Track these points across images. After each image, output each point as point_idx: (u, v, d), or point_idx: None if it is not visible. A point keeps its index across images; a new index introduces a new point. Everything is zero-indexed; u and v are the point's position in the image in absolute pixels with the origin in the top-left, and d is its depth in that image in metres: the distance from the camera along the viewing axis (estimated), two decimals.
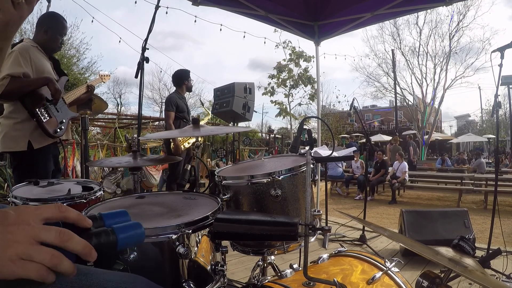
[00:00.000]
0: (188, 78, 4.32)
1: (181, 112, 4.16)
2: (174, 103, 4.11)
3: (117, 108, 27.47)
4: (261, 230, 0.88)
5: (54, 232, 0.51)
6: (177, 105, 4.13)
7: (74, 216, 0.56)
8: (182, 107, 4.18)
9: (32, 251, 0.48)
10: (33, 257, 0.48)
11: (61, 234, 0.51)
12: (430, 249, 0.96)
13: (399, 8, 3.99)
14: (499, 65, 2.77)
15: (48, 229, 0.51)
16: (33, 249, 0.48)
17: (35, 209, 0.54)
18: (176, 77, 4.38)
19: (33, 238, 0.49)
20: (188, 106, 4.41)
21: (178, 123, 4.15)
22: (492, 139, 22.46)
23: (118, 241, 0.56)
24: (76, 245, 0.51)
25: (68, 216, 0.55)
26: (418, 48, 22.89)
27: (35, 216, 0.52)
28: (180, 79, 4.34)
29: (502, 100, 3.15)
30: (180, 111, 4.15)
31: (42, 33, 2.45)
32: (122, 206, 1.14)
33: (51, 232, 0.51)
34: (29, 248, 0.48)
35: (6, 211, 0.52)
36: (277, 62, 17.98)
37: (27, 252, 0.48)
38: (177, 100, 4.17)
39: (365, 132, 5.20)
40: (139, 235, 0.60)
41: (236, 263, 2.90)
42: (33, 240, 0.49)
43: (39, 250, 0.48)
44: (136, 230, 0.59)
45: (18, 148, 2.28)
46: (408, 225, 3.16)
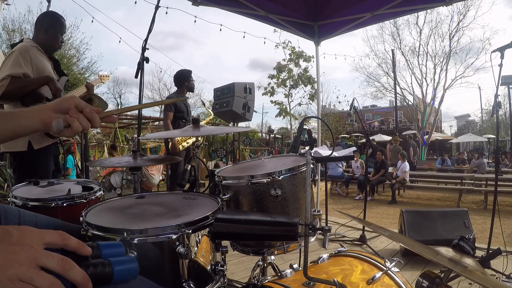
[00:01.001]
0: (188, 79, 4.32)
1: (179, 112, 4.18)
2: (173, 103, 4.15)
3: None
4: (261, 230, 0.88)
5: (57, 260, 0.51)
6: (176, 105, 4.16)
7: (75, 244, 0.57)
8: (181, 107, 4.20)
9: (33, 274, 0.49)
10: (34, 281, 0.48)
11: (63, 262, 0.51)
12: (430, 249, 0.96)
13: (399, 8, 3.99)
14: (499, 65, 2.77)
15: (51, 255, 0.52)
16: (34, 273, 0.49)
17: (38, 232, 0.54)
18: (177, 77, 4.40)
19: (34, 262, 0.50)
20: (189, 107, 4.42)
21: (176, 123, 4.18)
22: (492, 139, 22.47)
23: (114, 273, 0.58)
24: (76, 275, 0.52)
25: (69, 244, 0.56)
26: (418, 48, 22.91)
27: (38, 239, 0.53)
28: (180, 80, 4.35)
29: (502, 100, 3.15)
30: (178, 111, 4.17)
31: (42, 32, 2.45)
32: (122, 206, 1.14)
33: (54, 258, 0.51)
34: (31, 271, 0.49)
35: (10, 230, 0.52)
36: (277, 62, 17.99)
37: (28, 275, 0.48)
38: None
39: (365, 132, 5.20)
40: (133, 269, 0.61)
41: (236, 263, 2.90)
42: (35, 264, 0.50)
43: (40, 275, 0.49)
44: (131, 264, 0.61)
45: (18, 148, 2.28)
46: (408, 225, 3.16)
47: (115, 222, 0.98)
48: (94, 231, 0.88)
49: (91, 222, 0.90)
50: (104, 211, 1.09)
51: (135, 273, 0.62)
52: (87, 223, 0.91)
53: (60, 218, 1.28)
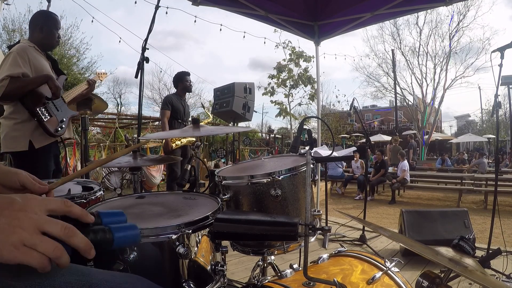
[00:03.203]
0: (182, 79, 4.36)
1: (176, 112, 4.21)
2: (170, 102, 4.20)
3: (117, 108, 27.47)
4: (261, 230, 0.88)
5: (60, 226, 0.52)
6: (172, 104, 4.19)
7: (78, 211, 0.57)
8: (177, 107, 4.22)
9: (36, 239, 0.49)
10: (37, 245, 0.49)
11: (66, 229, 0.52)
12: (430, 249, 0.96)
13: (399, 8, 3.99)
14: (499, 65, 2.77)
15: (54, 222, 0.52)
16: (38, 238, 0.49)
17: (42, 199, 0.55)
18: (173, 79, 4.50)
19: (37, 228, 0.50)
20: (187, 107, 4.44)
21: (172, 123, 4.21)
22: (492, 139, 22.47)
23: (114, 239, 0.58)
24: (79, 241, 0.53)
25: (73, 211, 0.57)
26: (418, 48, 22.92)
27: (41, 206, 0.54)
28: (175, 81, 4.44)
29: (502, 100, 3.15)
30: (175, 111, 4.20)
31: (37, 31, 2.45)
32: (122, 206, 1.14)
33: (57, 225, 0.52)
34: (34, 236, 0.49)
35: (13, 197, 0.53)
36: (277, 62, 17.98)
37: (31, 240, 0.49)
38: (172, 100, 4.24)
39: (365, 132, 5.20)
40: (134, 236, 0.62)
41: (236, 263, 2.90)
42: (38, 230, 0.50)
43: (43, 240, 0.50)
44: (132, 231, 0.61)
45: (19, 148, 2.28)
46: (408, 225, 3.16)
47: None
48: None
49: None
50: None
51: (136, 240, 0.62)
52: None
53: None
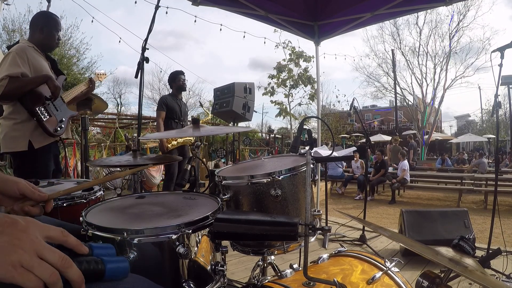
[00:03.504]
0: (175, 78, 4.34)
1: (171, 112, 4.19)
2: (164, 103, 4.17)
3: (117, 108, 27.46)
4: (261, 230, 0.88)
5: (58, 255, 0.52)
6: (167, 104, 4.17)
7: (73, 242, 0.58)
8: (172, 107, 4.20)
9: (35, 263, 0.49)
10: (35, 269, 0.49)
11: (63, 260, 0.53)
12: (430, 249, 0.96)
13: (399, 8, 3.99)
14: (499, 65, 2.77)
15: (52, 250, 0.53)
16: (36, 261, 0.50)
17: (42, 225, 0.56)
18: (168, 79, 4.50)
19: (37, 252, 0.51)
20: (183, 107, 4.41)
21: (168, 123, 4.19)
22: (492, 139, 22.47)
23: (106, 271, 0.59)
24: (73, 274, 0.53)
25: (68, 241, 0.58)
26: (418, 48, 22.90)
27: (41, 231, 0.55)
28: (170, 81, 4.44)
29: (502, 100, 3.15)
30: (170, 111, 4.18)
31: (37, 32, 2.45)
32: (122, 206, 1.14)
33: (55, 254, 0.52)
34: (33, 259, 0.50)
35: (16, 219, 0.54)
36: (277, 62, 17.97)
37: (30, 262, 0.49)
38: (167, 100, 4.23)
39: (365, 132, 5.20)
40: (124, 268, 0.63)
41: (236, 263, 2.90)
42: (37, 254, 0.51)
43: (42, 264, 0.50)
44: (122, 263, 0.63)
45: (18, 148, 2.28)
46: (408, 225, 3.16)
47: (115, 222, 0.98)
48: (94, 231, 0.88)
49: (91, 222, 0.90)
50: (104, 211, 1.09)
51: (126, 273, 0.64)
52: (87, 223, 0.91)
53: (60, 218, 1.29)
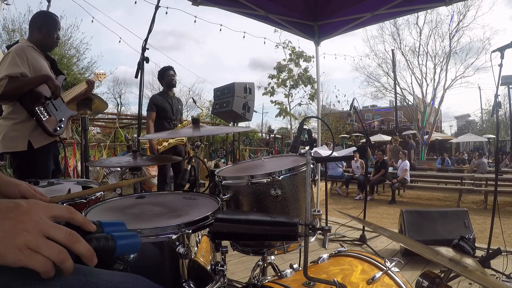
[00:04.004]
0: (164, 75, 4.16)
1: (162, 111, 4.03)
2: (154, 103, 4.01)
3: (117, 108, 27.45)
4: (261, 230, 0.88)
5: (64, 232, 0.52)
6: (157, 104, 4.01)
7: (81, 219, 0.58)
8: (163, 107, 4.03)
9: (41, 243, 0.49)
10: (41, 249, 0.49)
11: (70, 235, 0.52)
12: (430, 249, 0.96)
13: (399, 8, 3.99)
14: (499, 65, 2.77)
15: (58, 227, 0.52)
16: (42, 242, 0.49)
17: (46, 205, 0.55)
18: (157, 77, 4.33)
19: (42, 232, 0.50)
20: (175, 104, 4.21)
21: (160, 123, 4.03)
22: (492, 139, 22.47)
23: (116, 247, 0.59)
24: (82, 248, 0.53)
25: (76, 218, 0.57)
26: (418, 48, 22.91)
27: (46, 211, 0.54)
28: (159, 79, 4.27)
29: (502, 100, 3.15)
30: (161, 111, 4.02)
31: (36, 32, 2.45)
32: (122, 206, 1.14)
33: (61, 230, 0.52)
34: (39, 239, 0.49)
35: (18, 202, 0.53)
36: (277, 62, 17.98)
37: (36, 243, 0.49)
38: (156, 100, 4.05)
39: (365, 132, 5.20)
40: (136, 243, 0.63)
41: (236, 263, 2.90)
42: (42, 234, 0.50)
43: (48, 244, 0.50)
44: (133, 239, 0.63)
45: (18, 148, 2.28)
46: (408, 225, 3.16)
47: None
48: None
49: None
50: (104, 211, 1.09)
51: (137, 248, 0.63)
52: None
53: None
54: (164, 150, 4.01)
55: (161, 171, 4.21)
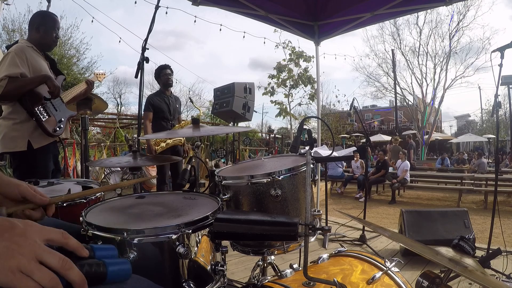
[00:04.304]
0: (159, 74, 4.10)
1: (160, 112, 3.98)
2: (150, 103, 3.96)
3: (117, 108, 27.44)
4: (261, 230, 0.88)
5: (58, 258, 0.52)
6: (153, 104, 3.96)
7: (74, 244, 0.57)
8: (159, 107, 3.98)
9: (34, 268, 0.49)
10: (34, 274, 0.48)
11: (63, 262, 0.52)
12: (430, 249, 0.96)
13: (399, 8, 3.99)
14: (499, 65, 2.77)
15: (52, 253, 0.52)
16: (35, 267, 0.49)
17: (41, 228, 0.55)
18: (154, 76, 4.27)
19: (36, 256, 0.50)
20: (173, 104, 4.14)
21: (158, 124, 3.99)
22: (492, 139, 22.47)
23: (107, 273, 0.59)
24: (75, 276, 0.53)
25: (69, 244, 0.57)
26: (418, 48, 22.92)
27: (41, 235, 0.54)
28: (156, 78, 4.21)
29: (502, 100, 3.15)
30: (158, 111, 3.97)
31: (34, 31, 2.46)
32: (122, 206, 1.14)
33: (54, 256, 0.52)
34: (32, 264, 0.49)
35: (14, 222, 0.53)
36: (277, 62, 17.97)
37: (29, 268, 0.48)
38: (153, 99, 4.00)
39: (365, 132, 5.21)
40: (126, 270, 0.63)
41: (236, 263, 2.90)
42: (36, 258, 0.50)
43: (40, 269, 0.49)
44: (124, 266, 0.63)
45: (18, 148, 2.28)
46: (408, 225, 3.16)
47: (115, 222, 0.98)
48: (94, 231, 0.88)
49: (91, 222, 0.90)
50: (104, 211, 1.09)
51: (128, 275, 0.63)
52: (87, 223, 0.91)
53: (60, 218, 1.28)
54: (162, 151, 3.97)
55: (160, 172, 4.17)
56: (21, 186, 0.79)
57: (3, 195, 0.78)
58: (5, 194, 0.78)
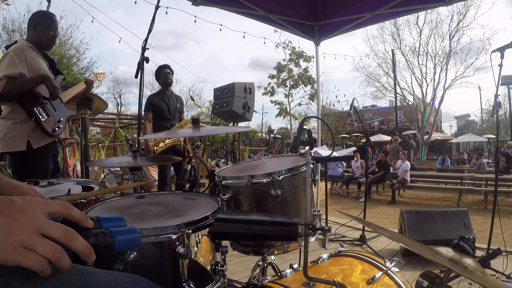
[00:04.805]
0: (159, 74, 4.10)
1: (159, 112, 3.98)
2: (150, 103, 3.97)
3: (117, 108, 27.45)
4: (261, 230, 0.88)
5: (60, 229, 0.51)
6: (153, 104, 3.97)
7: (78, 215, 0.57)
8: (159, 107, 3.98)
9: (36, 241, 0.48)
10: (37, 247, 0.48)
11: (66, 232, 0.51)
12: (430, 249, 0.96)
13: (399, 8, 3.99)
14: (499, 65, 2.77)
15: (54, 225, 0.51)
16: (37, 240, 0.49)
17: (42, 201, 0.54)
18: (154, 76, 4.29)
19: (37, 229, 0.49)
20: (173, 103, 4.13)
21: (158, 123, 3.99)
22: (492, 139, 22.47)
23: (115, 242, 0.58)
24: (79, 245, 0.52)
25: (73, 215, 0.56)
26: (418, 48, 22.93)
27: (41, 208, 0.53)
28: (156, 78, 4.21)
29: (502, 100, 3.15)
30: (158, 111, 3.97)
31: (32, 31, 2.46)
32: (122, 206, 1.14)
33: (57, 227, 0.51)
34: (34, 237, 0.48)
35: (13, 199, 0.52)
36: (277, 62, 17.96)
37: (31, 242, 0.48)
38: (153, 99, 4.01)
39: (365, 132, 5.21)
40: (135, 239, 0.61)
41: (236, 263, 2.90)
42: (38, 231, 0.49)
43: (43, 242, 0.49)
44: (132, 234, 0.61)
45: (17, 148, 2.28)
46: (408, 225, 3.16)
47: None
48: None
49: None
50: (104, 211, 1.09)
51: (137, 243, 0.62)
52: None
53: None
54: (161, 151, 3.95)
55: (161, 172, 4.16)
56: (21, 187, 0.79)
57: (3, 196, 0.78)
58: (5, 195, 0.78)
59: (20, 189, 0.79)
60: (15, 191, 0.78)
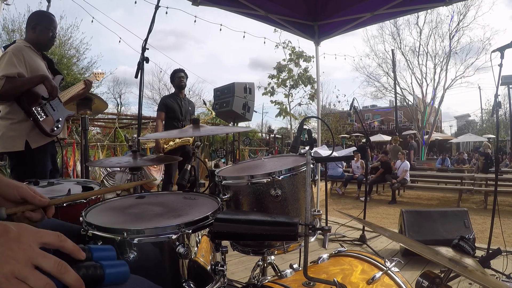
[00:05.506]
0: (173, 77, 4.31)
1: (172, 112, 4.16)
2: (164, 104, 4.17)
3: (117, 108, 27.44)
4: (261, 230, 0.88)
5: (53, 261, 0.51)
6: (166, 105, 4.16)
7: (71, 247, 0.56)
8: (172, 108, 4.17)
9: (29, 273, 0.48)
10: (29, 280, 0.48)
11: (59, 265, 0.51)
12: (430, 249, 0.96)
13: (399, 8, 3.99)
14: (499, 65, 2.77)
15: (47, 257, 0.51)
16: (30, 272, 0.48)
17: (36, 231, 0.54)
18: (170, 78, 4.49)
19: (30, 261, 0.49)
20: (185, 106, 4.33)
21: (169, 123, 4.16)
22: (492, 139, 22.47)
23: (105, 276, 0.58)
24: (71, 278, 0.52)
25: (66, 246, 0.56)
26: (418, 48, 22.94)
27: (36, 238, 0.53)
28: (170, 80, 4.41)
29: (502, 100, 3.15)
30: (170, 111, 4.16)
31: (30, 31, 2.46)
32: (122, 206, 1.14)
33: (50, 260, 0.51)
34: (27, 269, 0.48)
35: (8, 226, 0.52)
36: (277, 62, 17.96)
37: (24, 273, 0.48)
38: (166, 100, 4.22)
39: (365, 132, 5.21)
40: (124, 273, 0.62)
41: (236, 263, 2.90)
42: (31, 263, 0.49)
43: (35, 275, 0.49)
44: (122, 268, 0.62)
45: (15, 148, 2.28)
46: (408, 225, 3.16)
47: (115, 222, 0.98)
48: (94, 231, 0.88)
49: (91, 222, 0.90)
50: (104, 211, 1.09)
51: (126, 277, 0.62)
52: (87, 223, 0.91)
53: (60, 218, 1.28)
54: (170, 149, 4.09)
55: (167, 171, 4.29)
56: (20, 187, 0.79)
57: (3, 196, 0.78)
58: (4, 196, 0.78)
59: (19, 190, 0.79)
60: (15, 192, 0.78)
